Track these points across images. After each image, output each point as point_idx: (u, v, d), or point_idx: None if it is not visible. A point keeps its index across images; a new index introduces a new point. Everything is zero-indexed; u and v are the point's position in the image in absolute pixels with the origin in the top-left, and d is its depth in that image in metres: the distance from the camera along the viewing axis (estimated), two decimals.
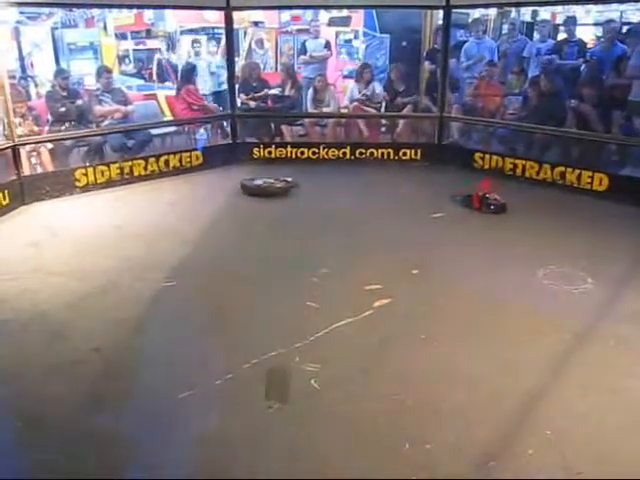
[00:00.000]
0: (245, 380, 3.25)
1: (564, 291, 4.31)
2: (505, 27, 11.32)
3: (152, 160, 7.34)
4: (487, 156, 7.51)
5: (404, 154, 7.91)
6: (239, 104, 8.31)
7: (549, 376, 3.29)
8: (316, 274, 4.52)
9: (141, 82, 11.05)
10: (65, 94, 7.41)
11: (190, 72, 8.95)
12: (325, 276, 4.51)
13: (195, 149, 7.78)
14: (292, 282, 4.42)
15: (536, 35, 10.25)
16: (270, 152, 8.05)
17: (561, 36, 10.02)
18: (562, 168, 6.89)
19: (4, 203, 6.00)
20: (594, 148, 7.27)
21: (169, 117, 8.74)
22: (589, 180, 6.66)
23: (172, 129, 8.63)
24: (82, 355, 3.50)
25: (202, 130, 8.73)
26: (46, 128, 7.30)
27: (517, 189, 6.86)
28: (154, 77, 10.85)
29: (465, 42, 9.45)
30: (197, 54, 9.80)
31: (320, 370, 3.28)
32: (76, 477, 2.61)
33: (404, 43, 10.56)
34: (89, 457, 2.72)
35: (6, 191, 6.05)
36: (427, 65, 9.16)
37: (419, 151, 7.91)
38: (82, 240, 5.33)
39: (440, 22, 8.41)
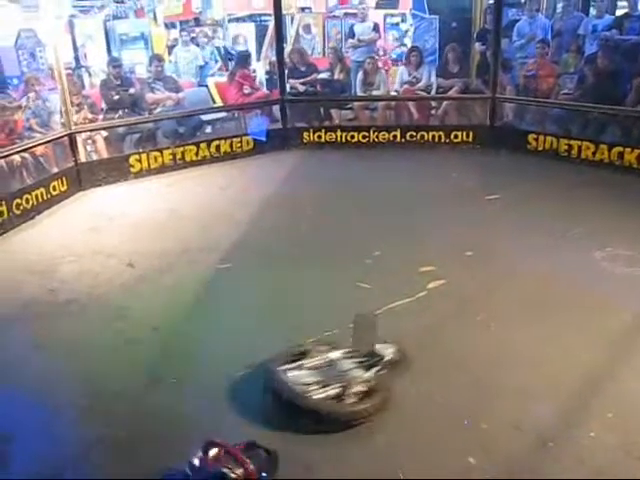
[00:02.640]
0: None
1: (623, 273, 4.20)
2: (559, 4, 10.94)
3: (203, 145, 7.44)
4: (541, 137, 7.31)
5: (455, 137, 7.78)
6: (288, 89, 8.32)
7: (610, 359, 3.22)
8: (369, 256, 4.52)
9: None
10: (118, 83, 7.61)
11: (246, 58, 9.07)
12: (378, 258, 4.50)
13: (246, 134, 7.83)
14: (345, 264, 4.43)
15: (592, 11, 9.91)
16: (320, 136, 8.04)
17: (621, 11, 9.61)
18: (620, 148, 6.66)
19: (62, 189, 6.20)
20: None
21: (219, 103, 8.81)
22: None
23: (223, 115, 8.72)
24: (141, 335, 3.61)
25: (261, 115, 8.76)
26: (100, 116, 7.49)
27: (573, 171, 6.68)
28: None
29: (517, 21, 9.21)
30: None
31: None
32: (135, 451, 2.69)
33: (454, 24, 10.33)
34: (149, 432, 2.81)
35: (64, 178, 6.26)
36: (478, 46, 8.98)
37: (471, 133, 7.76)
38: (138, 224, 5.47)
39: (491, 1, 8.22)
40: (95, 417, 2.92)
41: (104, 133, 7.27)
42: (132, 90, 7.68)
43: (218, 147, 7.55)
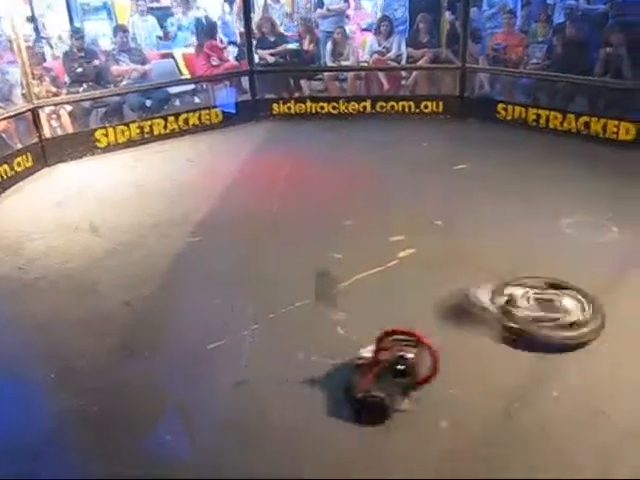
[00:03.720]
0: (272, 330, 3.31)
1: (587, 240, 4.28)
2: None
3: (172, 119, 7.33)
4: (510, 107, 7.36)
5: (425, 107, 7.79)
6: (257, 60, 8.21)
7: None
8: (340, 226, 4.54)
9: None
10: (81, 55, 7.39)
11: (212, 28, 8.88)
12: (349, 228, 4.53)
13: (215, 106, 7.73)
14: (316, 234, 4.45)
15: None
16: (289, 108, 7.98)
17: None
18: (587, 118, 6.74)
19: (27, 165, 6.07)
20: (621, 96, 7.08)
21: (187, 75, 8.66)
22: (615, 130, 6.51)
23: (191, 87, 8.57)
24: (112, 309, 3.60)
25: (227, 87, 8.64)
26: (64, 90, 7.30)
27: (541, 140, 6.75)
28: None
29: None
30: None
31: (346, 318, 3.33)
32: (109, 423, 2.70)
33: None
34: (121, 404, 2.82)
35: (29, 154, 6.12)
36: (448, 15, 8.93)
37: (441, 103, 7.78)
38: (106, 199, 5.39)
39: None
40: (68, 391, 2.91)
41: (68, 107, 7.09)
42: (96, 62, 7.48)
43: (187, 120, 7.44)
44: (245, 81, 8.27)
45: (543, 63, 7.75)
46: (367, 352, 2.77)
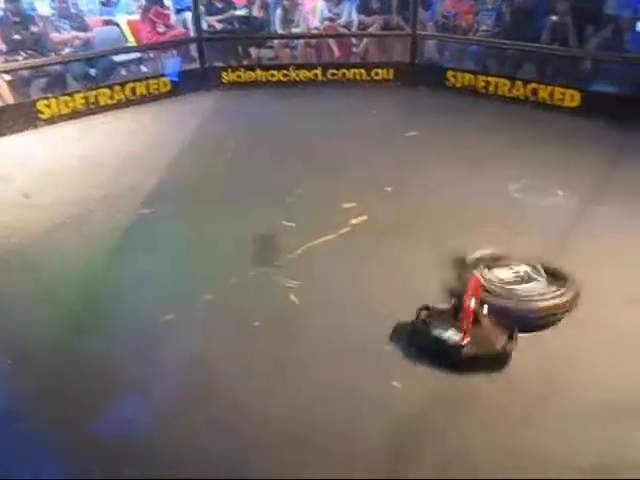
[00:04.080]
0: (226, 300, 3.29)
1: (535, 203, 4.39)
2: None
3: (118, 88, 7.11)
4: (459, 74, 7.42)
5: (376, 74, 7.78)
6: (205, 27, 8.01)
7: None
8: (292, 195, 4.53)
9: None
10: (17, 20, 7.04)
11: None
12: (300, 196, 4.52)
13: (163, 75, 7.53)
14: (268, 203, 4.42)
15: None
16: (239, 76, 7.86)
17: None
18: (535, 85, 6.85)
19: None
20: (567, 64, 7.22)
21: (132, 43, 8.39)
22: (561, 97, 6.65)
23: (137, 55, 8.32)
24: (62, 286, 3.49)
25: (173, 55, 8.42)
26: (1, 58, 6.98)
27: (490, 106, 6.84)
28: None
29: None
30: None
31: (299, 286, 3.34)
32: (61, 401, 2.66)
33: None
34: (75, 382, 2.76)
35: None
36: None
37: (391, 71, 7.78)
38: (51, 172, 5.21)
39: None
40: (22, 372, 2.83)
41: (7, 77, 6.79)
42: (34, 29, 7.14)
43: (134, 89, 7.23)
44: (193, 49, 8.08)
45: (492, 31, 7.81)
46: None
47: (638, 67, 6.07)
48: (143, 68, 8.41)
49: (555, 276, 3.13)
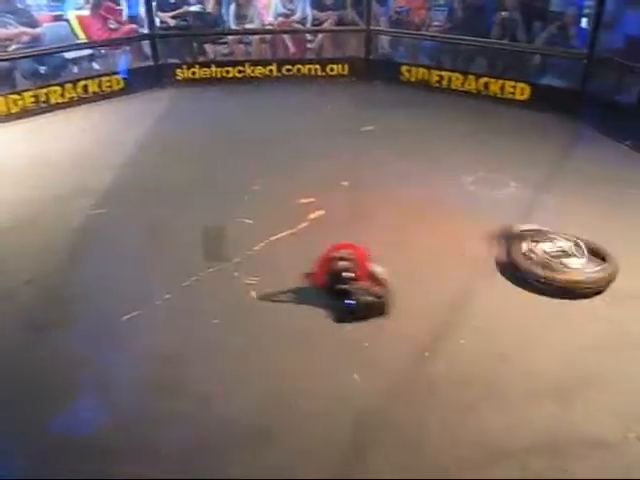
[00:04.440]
0: (185, 298, 3.28)
1: (488, 195, 4.50)
2: None
3: (69, 86, 6.97)
4: (414, 69, 7.53)
5: (331, 69, 7.84)
6: (158, 23, 7.91)
7: (477, 273, 3.48)
8: (248, 192, 4.53)
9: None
10: None
11: None
12: (257, 193, 4.53)
13: (116, 73, 7.41)
14: (224, 201, 4.41)
15: None
16: (194, 73, 7.79)
17: None
18: (486, 79, 7.00)
19: None
20: (517, 58, 7.40)
21: (83, 40, 8.20)
22: (512, 90, 6.82)
23: (89, 52, 8.15)
24: (15, 289, 3.41)
25: (122, 52, 8.28)
26: None
27: (444, 100, 6.96)
28: None
29: None
30: None
31: (259, 282, 3.35)
32: (23, 399, 2.61)
33: None
34: (35, 384, 2.71)
35: None
36: None
37: (346, 66, 7.84)
38: (1, 172, 5.08)
39: None
40: None
41: None
42: None
43: (86, 87, 7.10)
44: (147, 46, 7.96)
45: (444, 26, 7.95)
46: None
47: (584, 61, 6.25)
48: (95, 65, 8.25)
49: (596, 254, 3.38)
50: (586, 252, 3.36)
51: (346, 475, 2.23)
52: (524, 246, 3.45)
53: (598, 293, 3.23)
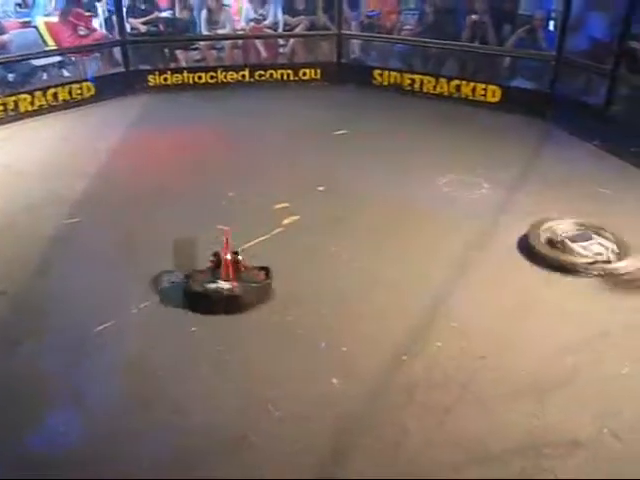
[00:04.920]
0: (161, 306, 3.26)
1: (462, 196, 4.55)
2: None
3: (39, 94, 6.86)
4: (386, 73, 7.58)
5: (304, 74, 7.84)
6: (129, 29, 7.84)
7: (451, 274, 3.51)
8: (224, 198, 4.51)
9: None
10: None
11: None
12: (233, 199, 4.51)
13: (86, 80, 7.32)
14: (199, 208, 4.39)
15: None
16: (166, 79, 7.73)
17: None
18: (458, 82, 7.08)
19: None
20: (487, 61, 7.49)
21: (52, 46, 8.10)
22: (483, 92, 6.90)
23: (58, 59, 8.04)
24: None
25: (93, 58, 8.19)
26: None
27: (416, 104, 7.02)
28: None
29: None
30: None
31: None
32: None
33: None
34: (7, 398, 2.67)
35: None
36: None
37: (319, 70, 7.86)
38: None
39: None
40: None
41: None
42: None
43: (56, 95, 6.99)
44: (118, 52, 7.88)
45: (416, 30, 8.01)
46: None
47: (552, 64, 6.36)
48: (65, 72, 8.15)
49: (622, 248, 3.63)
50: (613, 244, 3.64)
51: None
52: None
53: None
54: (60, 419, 2.54)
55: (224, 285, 3.19)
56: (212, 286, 3.18)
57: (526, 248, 3.72)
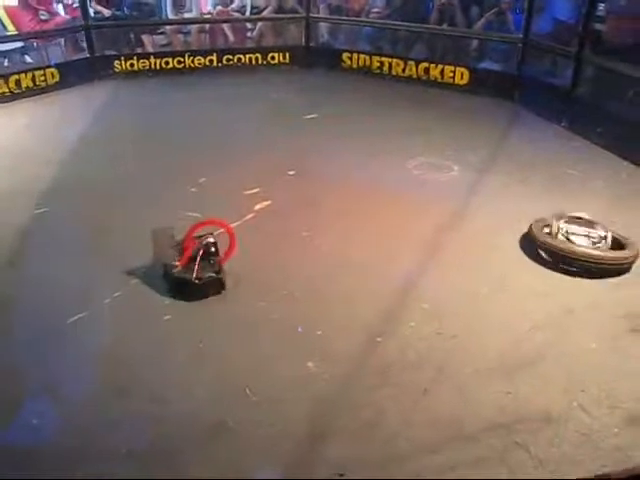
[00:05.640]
0: (135, 295, 3.23)
1: (431, 178, 4.59)
2: None
3: (0, 81, 6.68)
4: (355, 55, 7.57)
5: (272, 58, 7.80)
6: (92, 13, 7.67)
7: (425, 257, 3.55)
8: (194, 184, 4.47)
9: None
10: None
11: None
12: (203, 185, 4.48)
13: (49, 66, 7.16)
14: (170, 195, 4.34)
15: None
16: (132, 64, 7.61)
17: None
18: (426, 64, 7.11)
19: None
20: (455, 43, 7.52)
21: (12, 32, 7.88)
22: (451, 75, 6.94)
23: (20, 45, 7.83)
24: None
25: (57, 44, 8.00)
26: None
27: (385, 87, 7.03)
28: None
29: None
30: None
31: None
32: None
33: None
34: None
35: None
36: None
37: (287, 54, 7.82)
38: None
39: None
40: None
41: None
42: None
43: (18, 82, 6.82)
44: (82, 37, 7.71)
45: (384, 12, 7.99)
46: None
47: (519, 46, 6.42)
48: (27, 58, 7.95)
49: (620, 243, 3.51)
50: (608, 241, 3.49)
51: (305, 463, 2.25)
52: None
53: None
54: (33, 412, 2.50)
55: (179, 270, 3.22)
56: (173, 270, 3.23)
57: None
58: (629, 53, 5.62)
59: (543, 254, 3.49)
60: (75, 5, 8.15)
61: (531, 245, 3.57)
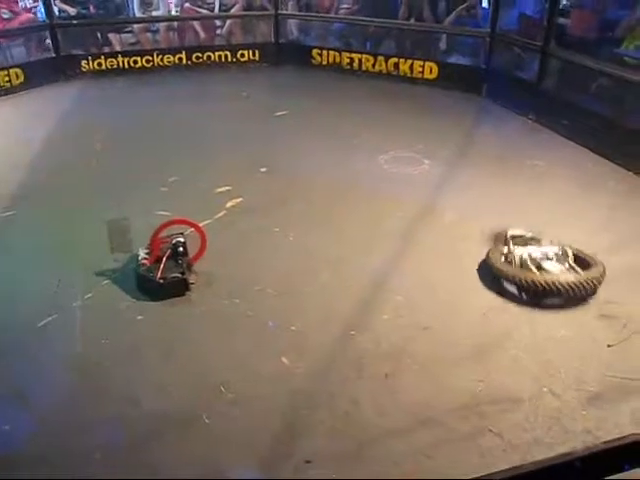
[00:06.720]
0: (106, 296, 3.20)
1: (404, 173, 4.62)
2: None
3: None
4: (325, 52, 7.58)
5: (242, 55, 7.77)
6: (57, 12, 7.55)
7: (398, 250, 3.58)
8: (165, 184, 4.44)
9: None
10: None
11: None
12: (174, 184, 4.45)
13: (13, 66, 7.03)
14: (141, 194, 4.31)
15: None
16: (100, 64, 7.52)
17: None
18: (395, 59, 7.14)
19: None
20: (424, 38, 7.58)
21: None
22: (420, 69, 6.99)
23: None
24: None
25: (20, 43, 7.86)
26: None
27: (355, 82, 7.05)
28: None
29: None
30: None
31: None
32: None
33: None
34: None
35: None
36: None
37: (257, 51, 7.80)
38: None
39: None
40: None
41: None
42: None
43: None
44: (47, 37, 7.59)
45: (352, 8, 8.02)
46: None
47: (487, 40, 6.49)
48: None
49: (582, 262, 3.22)
50: (570, 259, 3.23)
51: (283, 456, 2.26)
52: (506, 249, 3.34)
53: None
54: (4, 418, 2.47)
55: (145, 268, 3.25)
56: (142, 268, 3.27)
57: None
58: (593, 46, 5.74)
59: (513, 289, 3.11)
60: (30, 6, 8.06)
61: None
